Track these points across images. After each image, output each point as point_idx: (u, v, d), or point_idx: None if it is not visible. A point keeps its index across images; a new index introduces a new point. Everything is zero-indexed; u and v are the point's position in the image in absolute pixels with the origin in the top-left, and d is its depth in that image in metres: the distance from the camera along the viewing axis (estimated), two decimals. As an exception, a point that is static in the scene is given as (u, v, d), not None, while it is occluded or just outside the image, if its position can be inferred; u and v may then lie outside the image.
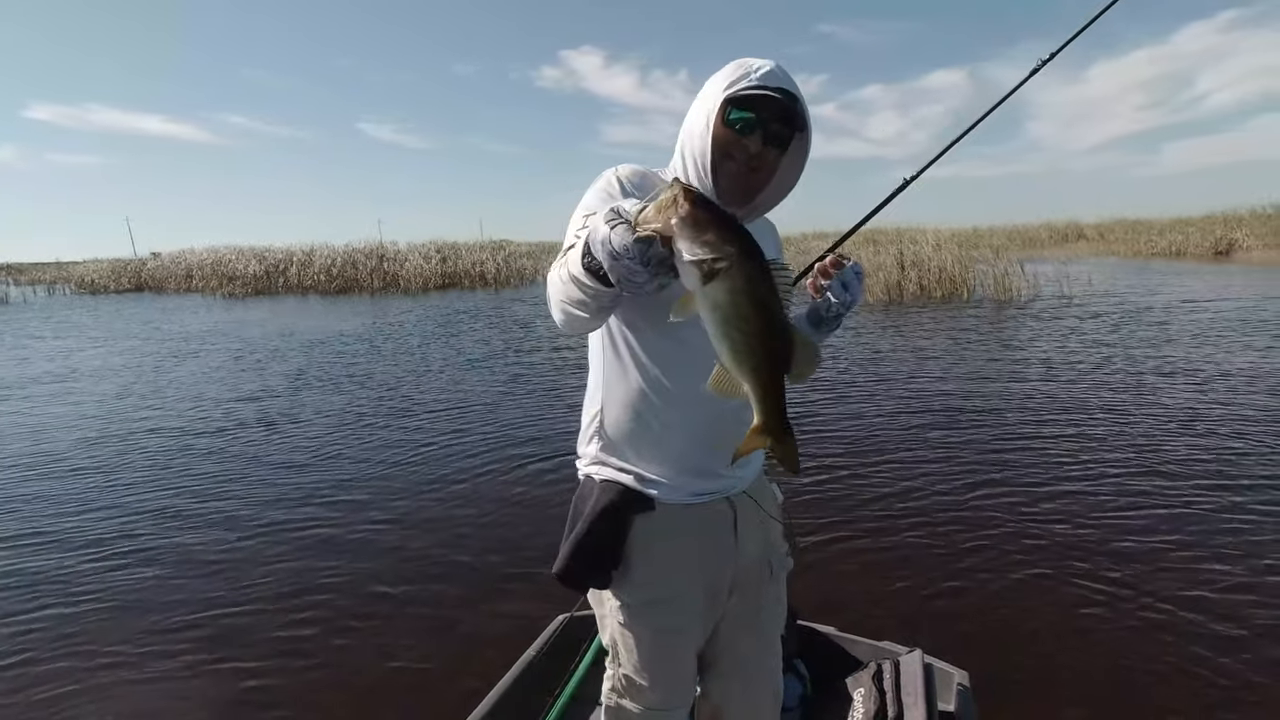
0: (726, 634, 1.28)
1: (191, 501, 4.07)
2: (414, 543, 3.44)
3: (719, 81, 1.04)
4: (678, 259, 0.76)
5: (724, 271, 0.75)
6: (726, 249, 0.75)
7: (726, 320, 0.78)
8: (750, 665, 1.31)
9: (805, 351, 0.83)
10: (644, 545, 1.14)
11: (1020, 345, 7.99)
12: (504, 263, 23.48)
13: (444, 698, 2.24)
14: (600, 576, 1.16)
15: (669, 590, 1.16)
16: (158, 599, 2.99)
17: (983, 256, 14.25)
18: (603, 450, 1.17)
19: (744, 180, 1.08)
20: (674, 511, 1.14)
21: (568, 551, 1.15)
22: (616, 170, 1.10)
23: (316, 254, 24.20)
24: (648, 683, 1.19)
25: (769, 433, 0.86)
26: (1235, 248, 22.82)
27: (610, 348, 1.14)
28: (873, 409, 5.51)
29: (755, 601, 1.28)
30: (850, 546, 3.20)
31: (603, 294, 0.87)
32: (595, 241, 0.80)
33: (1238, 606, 2.61)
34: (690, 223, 0.74)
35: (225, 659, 2.55)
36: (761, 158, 1.06)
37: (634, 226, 0.77)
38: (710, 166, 1.05)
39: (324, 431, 5.44)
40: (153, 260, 29.66)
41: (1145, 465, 4.05)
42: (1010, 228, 31.73)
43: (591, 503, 1.15)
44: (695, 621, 1.20)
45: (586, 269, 0.85)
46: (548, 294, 0.98)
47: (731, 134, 1.04)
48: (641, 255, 0.76)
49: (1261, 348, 7.19)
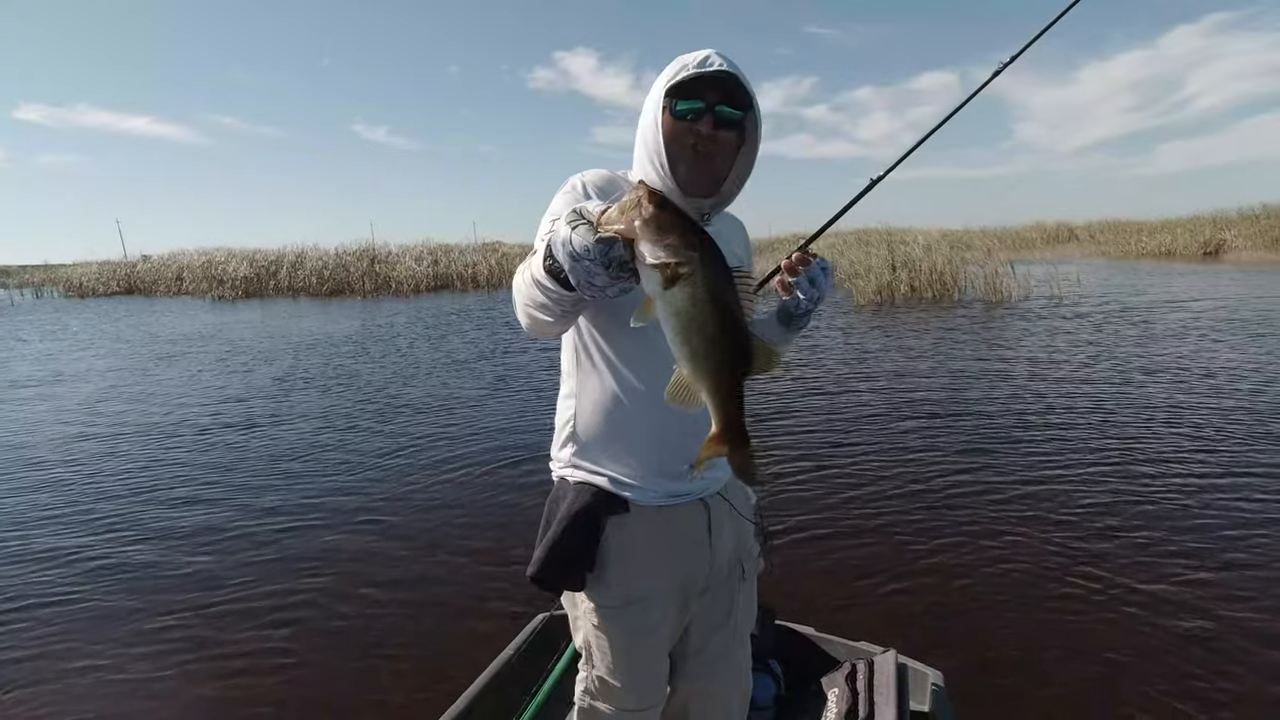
0: (697, 634, 1.28)
1: (174, 501, 4.03)
2: (392, 543, 3.43)
3: (662, 78, 1.06)
4: (639, 262, 0.75)
5: (686, 276, 0.74)
6: (689, 253, 0.74)
7: (687, 326, 0.77)
8: (720, 665, 1.31)
9: (765, 358, 0.81)
10: (618, 547, 1.14)
11: (1006, 345, 8.01)
12: (496, 265, 23.46)
13: (421, 696, 2.24)
14: (574, 579, 1.16)
15: (643, 592, 1.15)
16: (137, 599, 2.97)
17: (974, 258, 14.29)
18: (576, 453, 1.16)
19: (705, 168, 1.08)
20: (648, 514, 1.14)
21: (542, 554, 1.15)
22: (582, 175, 1.10)
23: (307, 256, 24.10)
24: (621, 684, 1.19)
25: (726, 441, 0.84)
26: (1224, 248, 22.98)
27: (582, 350, 1.14)
28: (852, 408, 5.52)
29: (726, 602, 1.28)
30: (829, 546, 3.20)
31: (564, 298, 0.86)
32: (557, 243, 0.79)
33: (1215, 603, 2.61)
34: (654, 225, 0.73)
35: (203, 659, 2.55)
36: (715, 141, 1.05)
37: (596, 228, 0.75)
38: (667, 161, 1.06)
39: (308, 433, 5.40)
40: (143, 263, 29.45)
41: (1123, 464, 4.06)
42: (1001, 229, 31.86)
43: (565, 505, 1.15)
44: (668, 623, 1.20)
45: (548, 272, 0.85)
46: (514, 298, 0.97)
47: (681, 124, 1.05)
48: (602, 256, 0.75)
49: (1241, 345, 7.23)
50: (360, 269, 22.63)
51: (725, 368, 0.79)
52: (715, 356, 0.78)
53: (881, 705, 1.66)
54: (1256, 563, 2.89)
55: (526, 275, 0.91)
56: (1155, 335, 8.16)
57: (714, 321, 0.76)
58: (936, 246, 14.52)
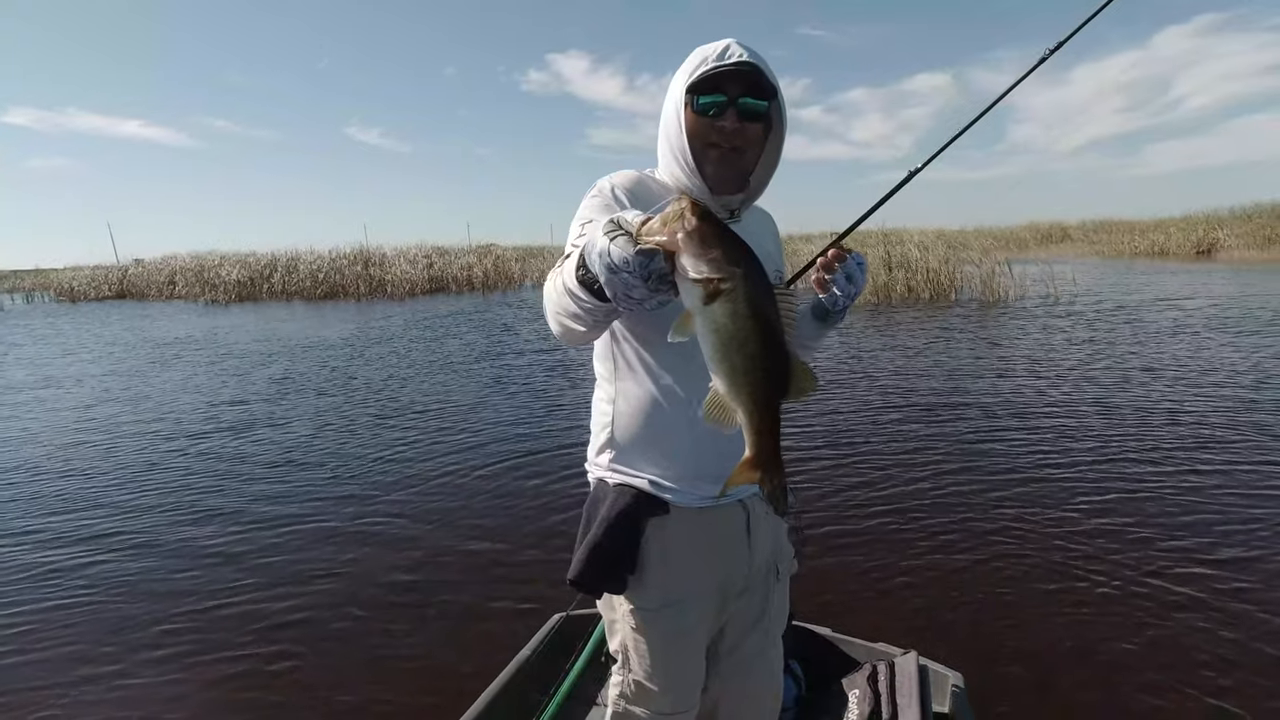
0: (732, 634, 1.28)
1: (179, 499, 3.97)
2: (409, 541, 3.41)
3: (681, 73, 1.03)
4: (679, 275, 0.73)
5: (727, 292, 0.72)
6: (732, 268, 0.72)
7: (727, 343, 0.75)
8: (755, 665, 1.31)
9: (804, 379, 0.80)
10: (659, 549, 1.13)
11: (1004, 343, 7.99)
12: (491, 268, 23.36)
13: (440, 695, 2.22)
14: (615, 581, 1.15)
15: (682, 594, 1.15)
16: (139, 599, 2.96)
17: (970, 258, 14.31)
18: (615, 457, 1.15)
19: (732, 164, 1.06)
20: (688, 515, 1.12)
21: (583, 556, 1.13)
22: (611, 179, 1.07)
23: (301, 260, 23.97)
24: (659, 688, 1.18)
25: (760, 467, 0.82)
26: (1217, 247, 23.13)
27: (620, 356, 1.13)
28: (868, 412, 5.48)
29: (761, 603, 1.28)
30: (846, 547, 3.17)
31: (598, 308, 0.84)
32: (592, 253, 0.77)
33: (1238, 607, 2.56)
34: (697, 238, 0.71)
35: (210, 663, 2.51)
36: (741, 135, 1.03)
37: (635, 239, 0.73)
38: (693, 160, 1.04)
39: (305, 436, 5.33)
40: (135, 267, 29.23)
41: (1138, 462, 4.03)
42: (996, 229, 32.00)
43: (605, 507, 1.13)
44: (705, 624, 1.20)
45: (581, 282, 0.83)
46: (544, 305, 0.94)
47: (705, 120, 1.03)
48: (642, 269, 0.73)
49: (1237, 343, 7.25)
50: (354, 272, 22.51)
51: (763, 386, 0.77)
52: (755, 375, 0.76)
53: (904, 706, 1.65)
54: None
55: (558, 283, 0.89)
56: (1153, 332, 8.16)
57: (755, 339, 0.74)
58: (933, 246, 14.54)
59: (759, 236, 1.09)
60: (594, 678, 1.89)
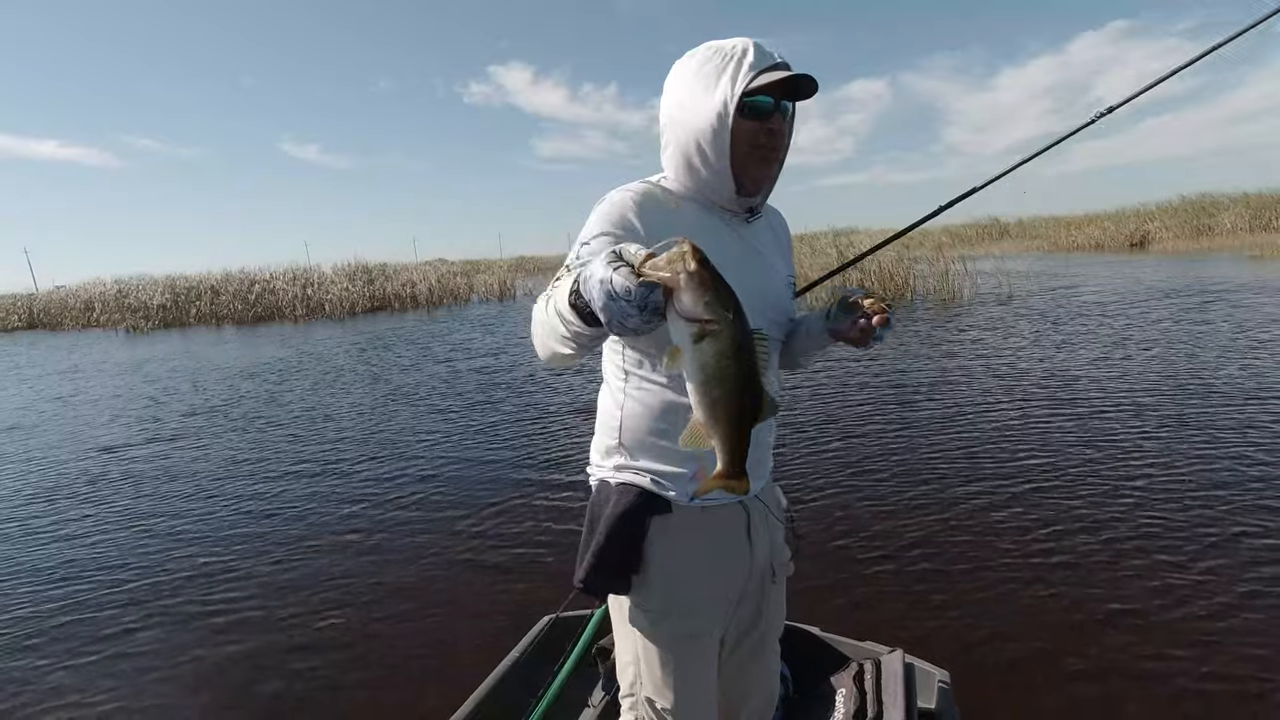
0: (730, 638, 1.28)
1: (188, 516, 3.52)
2: (398, 544, 3.47)
3: (722, 74, 1.03)
4: (672, 312, 0.78)
5: (715, 334, 0.78)
6: (723, 313, 0.77)
7: (709, 379, 0.81)
8: (750, 667, 1.32)
9: (768, 408, 0.86)
10: (663, 548, 1.13)
11: (964, 342, 7.88)
12: (437, 283, 22.53)
13: (428, 698, 2.23)
14: (622, 581, 1.15)
15: (688, 594, 1.15)
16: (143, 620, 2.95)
17: (923, 255, 14.32)
18: (621, 458, 1.16)
19: (769, 167, 1.10)
20: (691, 514, 1.13)
21: (590, 561, 1.14)
22: (623, 192, 1.07)
23: (231, 280, 22.65)
24: (670, 705, 1.16)
25: (731, 478, 0.88)
26: (1149, 239, 24.06)
27: (630, 360, 1.15)
28: (853, 412, 5.30)
29: (759, 606, 1.28)
30: (833, 546, 3.16)
31: (584, 334, 0.88)
32: (591, 281, 0.78)
33: (1221, 605, 2.51)
34: (696, 281, 0.75)
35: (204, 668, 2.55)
36: (781, 136, 1.09)
37: (637, 271, 0.76)
38: (733, 164, 1.06)
39: (288, 453, 4.67)
40: (53, 292, 27.21)
41: (1122, 461, 3.87)
42: (940, 227, 32.75)
43: (609, 509, 1.14)
44: (716, 627, 1.19)
45: (573, 307, 0.85)
46: (532, 328, 0.98)
47: (755, 124, 1.04)
48: (642, 299, 0.75)
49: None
50: (291, 293, 21.33)
51: (737, 418, 0.84)
52: (732, 408, 0.82)
53: (890, 705, 1.65)
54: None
55: (550, 308, 0.91)
56: (1135, 324, 8.15)
57: (734, 377, 0.80)
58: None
59: (778, 233, 1.25)
60: (582, 679, 1.90)
